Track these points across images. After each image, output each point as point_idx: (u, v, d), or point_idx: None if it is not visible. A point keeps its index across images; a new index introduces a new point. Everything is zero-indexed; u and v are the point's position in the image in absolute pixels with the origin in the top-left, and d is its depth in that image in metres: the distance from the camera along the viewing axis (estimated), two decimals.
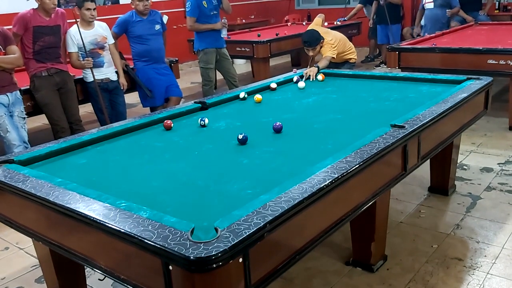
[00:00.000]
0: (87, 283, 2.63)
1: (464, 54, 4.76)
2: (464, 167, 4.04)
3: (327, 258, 2.85)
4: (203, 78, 5.80)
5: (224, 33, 5.68)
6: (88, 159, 2.47)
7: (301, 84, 3.78)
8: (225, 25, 5.63)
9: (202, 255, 1.40)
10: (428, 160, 3.07)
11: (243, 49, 6.81)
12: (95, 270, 1.87)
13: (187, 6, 5.52)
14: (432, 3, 6.56)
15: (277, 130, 2.66)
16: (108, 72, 4.69)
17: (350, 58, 4.96)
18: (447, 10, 6.80)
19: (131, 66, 5.11)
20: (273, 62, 8.14)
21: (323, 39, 4.60)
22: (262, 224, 1.56)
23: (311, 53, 4.66)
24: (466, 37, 5.89)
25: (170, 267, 1.47)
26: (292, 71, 4.26)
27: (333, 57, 4.59)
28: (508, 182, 3.71)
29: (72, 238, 1.92)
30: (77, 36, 4.42)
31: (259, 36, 7.24)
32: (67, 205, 1.81)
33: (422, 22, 7.16)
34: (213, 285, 1.44)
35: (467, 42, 5.39)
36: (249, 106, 3.36)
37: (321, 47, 4.60)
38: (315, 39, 4.57)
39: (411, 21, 8.85)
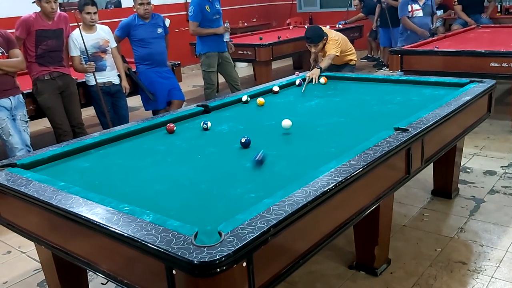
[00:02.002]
0: (89, 287, 2.62)
1: (466, 57, 4.74)
2: (467, 170, 4.03)
3: (330, 261, 2.84)
4: (205, 82, 5.80)
5: (226, 37, 5.68)
6: (91, 162, 2.47)
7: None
8: (227, 29, 5.63)
9: (206, 259, 1.39)
10: (431, 163, 3.06)
11: (245, 52, 6.82)
12: (97, 274, 1.87)
13: (190, 11, 5.53)
14: (421, 11, 6.54)
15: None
16: (110, 75, 4.70)
17: (351, 60, 4.94)
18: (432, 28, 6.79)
19: (133, 70, 5.12)
20: (275, 65, 8.14)
21: (327, 36, 4.58)
22: (266, 228, 1.55)
23: (313, 50, 4.64)
24: (468, 40, 5.89)
25: (174, 271, 1.47)
26: (294, 74, 4.25)
27: (337, 55, 4.57)
28: None
29: (74, 242, 1.92)
30: (79, 40, 4.43)
31: (261, 39, 7.24)
32: (70, 209, 1.80)
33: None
34: None
35: (469, 45, 5.38)
36: (251, 110, 3.35)
37: (324, 45, 4.59)
38: (318, 35, 4.54)
39: None
